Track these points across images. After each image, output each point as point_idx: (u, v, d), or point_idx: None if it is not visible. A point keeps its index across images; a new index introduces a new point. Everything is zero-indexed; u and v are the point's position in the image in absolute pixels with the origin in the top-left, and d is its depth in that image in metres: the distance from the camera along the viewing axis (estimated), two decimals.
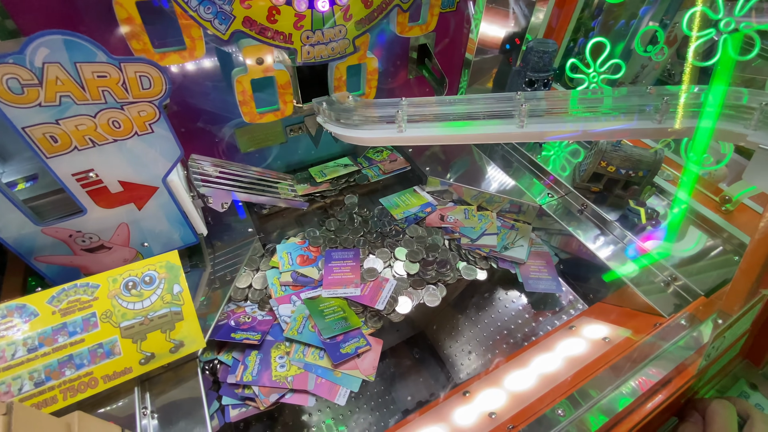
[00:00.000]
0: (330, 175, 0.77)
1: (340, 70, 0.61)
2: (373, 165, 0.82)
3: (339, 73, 0.62)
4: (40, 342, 0.41)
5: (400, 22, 0.63)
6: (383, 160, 0.83)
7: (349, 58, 0.60)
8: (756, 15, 0.59)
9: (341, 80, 0.63)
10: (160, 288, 0.46)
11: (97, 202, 0.47)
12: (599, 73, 0.77)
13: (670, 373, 0.43)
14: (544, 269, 0.66)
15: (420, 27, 0.66)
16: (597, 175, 0.69)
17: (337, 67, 0.61)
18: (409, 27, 0.65)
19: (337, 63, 0.60)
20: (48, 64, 0.36)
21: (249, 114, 0.59)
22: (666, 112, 0.52)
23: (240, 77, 0.55)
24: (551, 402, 0.43)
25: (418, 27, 0.65)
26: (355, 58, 0.61)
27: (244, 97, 0.57)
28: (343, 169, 0.79)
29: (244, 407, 0.50)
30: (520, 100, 0.55)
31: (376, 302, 0.59)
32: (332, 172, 0.78)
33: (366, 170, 0.80)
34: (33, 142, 0.40)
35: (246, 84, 0.56)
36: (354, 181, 0.78)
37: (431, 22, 0.66)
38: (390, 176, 0.81)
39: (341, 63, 0.60)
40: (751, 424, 0.44)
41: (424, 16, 0.65)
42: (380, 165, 0.82)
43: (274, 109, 0.61)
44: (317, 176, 0.77)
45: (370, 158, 0.83)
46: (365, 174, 0.79)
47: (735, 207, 0.65)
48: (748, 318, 0.46)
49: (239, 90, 0.56)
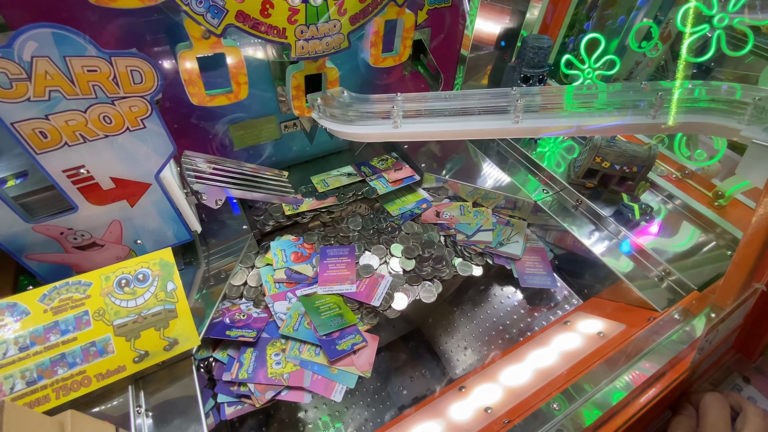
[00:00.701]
0: (333, 185, 0.73)
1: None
2: (379, 175, 0.75)
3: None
4: (31, 341, 0.41)
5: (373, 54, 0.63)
6: (388, 169, 0.77)
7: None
8: (749, 11, 0.59)
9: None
10: (153, 285, 0.46)
11: (88, 198, 0.46)
12: (594, 69, 0.77)
13: (663, 366, 0.44)
14: (540, 265, 0.67)
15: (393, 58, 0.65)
16: (592, 171, 0.69)
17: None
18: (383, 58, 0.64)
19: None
20: (37, 58, 0.36)
21: (197, 95, 0.53)
22: (660, 107, 0.52)
23: (183, 52, 0.49)
24: (546, 396, 0.43)
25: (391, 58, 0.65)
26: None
27: (190, 76, 0.51)
28: (347, 179, 0.74)
29: (239, 405, 0.50)
30: (515, 95, 0.55)
31: (372, 299, 0.59)
32: (335, 181, 0.73)
33: (373, 181, 0.74)
34: (22, 138, 0.39)
35: (192, 62, 0.50)
36: (362, 194, 0.72)
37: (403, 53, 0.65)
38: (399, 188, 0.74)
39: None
40: (743, 417, 0.44)
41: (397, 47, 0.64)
42: (386, 175, 0.75)
43: (227, 92, 0.55)
44: (320, 185, 0.72)
45: (374, 167, 0.77)
46: (373, 187, 0.73)
47: (728, 202, 0.65)
48: (740, 312, 0.46)
49: (183, 68, 0.50)
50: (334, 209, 0.71)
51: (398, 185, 0.74)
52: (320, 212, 0.70)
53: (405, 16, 0.61)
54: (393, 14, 0.59)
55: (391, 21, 0.60)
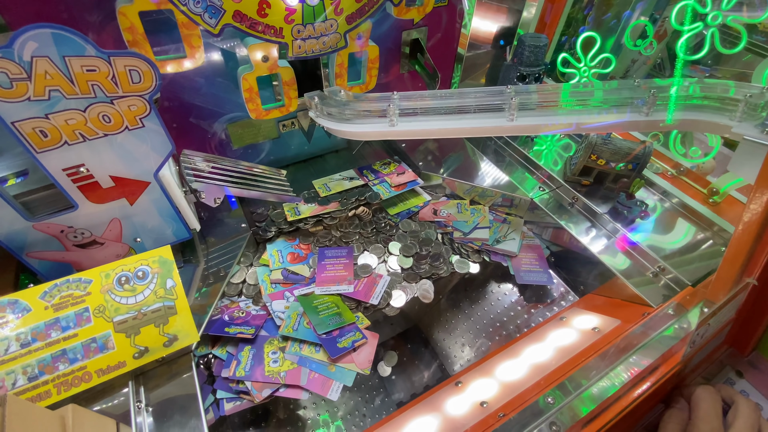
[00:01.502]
0: (335, 189, 0.72)
1: (342, 56, 0.61)
2: (381, 179, 0.74)
3: (341, 60, 0.61)
4: (32, 337, 0.41)
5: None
6: (390, 173, 0.75)
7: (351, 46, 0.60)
8: (742, 8, 0.60)
9: (343, 67, 0.62)
10: (153, 283, 0.47)
11: (88, 197, 0.47)
12: (590, 67, 0.77)
13: (656, 360, 0.44)
14: (536, 262, 0.67)
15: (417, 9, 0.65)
16: (587, 169, 0.70)
17: (339, 54, 0.60)
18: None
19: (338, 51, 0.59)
20: (37, 58, 0.36)
21: (255, 111, 0.60)
22: (653, 104, 0.52)
23: (246, 75, 0.56)
24: (541, 390, 0.44)
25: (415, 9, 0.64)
26: (357, 46, 0.61)
27: (250, 95, 0.58)
28: (349, 183, 0.73)
29: (238, 401, 0.51)
30: (510, 93, 0.56)
31: (371, 297, 0.59)
32: (337, 186, 0.72)
33: (376, 186, 0.73)
34: (23, 137, 0.40)
35: (252, 81, 0.57)
36: (365, 199, 0.71)
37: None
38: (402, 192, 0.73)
39: (343, 50, 0.60)
40: (735, 410, 0.45)
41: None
42: (389, 179, 0.74)
43: (280, 105, 0.62)
44: (321, 190, 0.71)
45: (377, 171, 0.76)
46: (376, 192, 0.71)
47: (722, 199, 0.66)
48: (732, 306, 0.47)
49: (245, 87, 0.57)
50: (337, 215, 0.70)
51: (401, 190, 0.73)
52: (322, 218, 0.69)
53: (369, 48, 0.63)
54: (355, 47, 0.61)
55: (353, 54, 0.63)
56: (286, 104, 0.62)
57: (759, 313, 0.51)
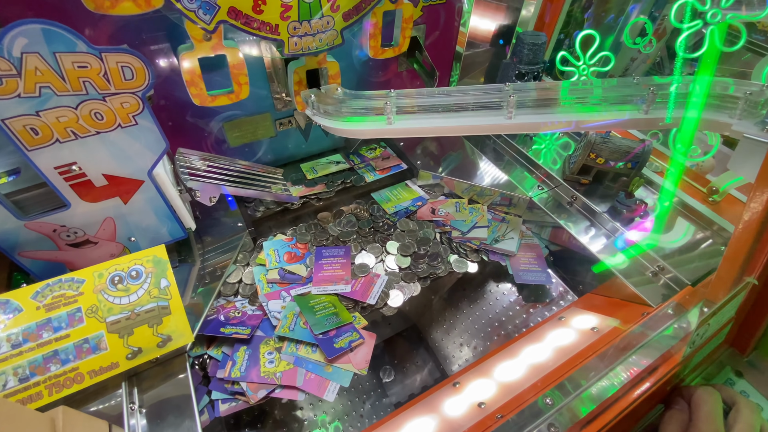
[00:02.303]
0: (321, 172, 0.75)
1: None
2: (367, 163, 0.79)
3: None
4: (24, 338, 0.41)
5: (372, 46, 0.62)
6: (376, 158, 0.80)
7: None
8: (741, 7, 0.59)
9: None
10: (147, 282, 0.46)
11: (81, 196, 0.46)
12: (589, 65, 0.77)
13: (656, 360, 0.44)
14: (535, 261, 0.67)
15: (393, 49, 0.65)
16: (587, 168, 0.69)
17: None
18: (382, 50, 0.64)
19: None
20: (27, 54, 0.36)
21: (199, 96, 0.54)
22: (652, 102, 0.52)
23: (185, 54, 0.50)
24: (540, 391, 0.43)
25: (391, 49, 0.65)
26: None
27: (191, 77, 0.52)
28: (335, 166, 0.77)
29: (233, 402, 0.50)
30: (508, 91, 0.55)
31: (368, 297, 0.59)
32: (324, 168, 0.77)
33: (361, 170, 0.77)
34: (13, 135, 0.39)
35: (194, 62, 0.51)
36: (350, 182, 0.74)
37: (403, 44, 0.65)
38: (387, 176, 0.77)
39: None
40: (736, 411, 0.44)
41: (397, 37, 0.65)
42: (373, 163, 0.78)
43: (228, 92, 0.56)
44: (308, 173, 0.75)
45: (363, 155, 0.81)
46: (361, 175, 0.76)
47: (722, 198, 0.65)
48: (732, 306, 0.46)
49: (185, 69, 0.51)
50: (324, 195, 0.72)
51: (386, 173, 0.77)
52: (309, 199, 0.72)
53: (403, 6, 0.60)
54: (390, 5, 0.59)
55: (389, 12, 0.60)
56: (235, 91, 0.56)
57: (759, 313, 0.50)
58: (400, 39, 0.64)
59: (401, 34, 0.64)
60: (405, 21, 0.62)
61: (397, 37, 0.64)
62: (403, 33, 0.64)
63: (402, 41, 0.64)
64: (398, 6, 0.60)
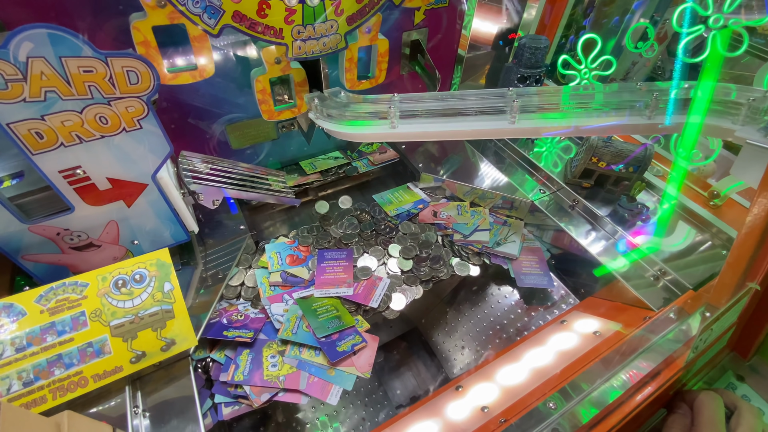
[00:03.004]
0: (320, 167, 0.77)
1: (352, 51, 0.61)
2: (363, 157, 0.82)
3: (350, 54, 0.61)
4: (28, 341, 0.41)
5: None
6: (373, 152, 0.83)
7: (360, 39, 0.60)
8: (744, 12, 0.60)
9: (352, 61, 0.62)
10: (150, 286, 0.46)
11: (84, 199, 0.46)
12: (590, 69, 0.77)
13: (658, 365, 0.44)
14: (536, 264, 0.67)
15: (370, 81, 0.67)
16: (588, 171, 0.69)
17: (350, 48, 0.60)
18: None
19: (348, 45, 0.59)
20: (32, 59, 0.36)
21: (268, 112, 0.61)
22: (655, 107, 0.52)
23: (259, 77, 0.57)
24: (543, 395, 0.43)
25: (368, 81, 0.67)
26: (367, 39, 0.61)
27: (263, 96, 0.59)
28: (334, 162, 0.79)
29: (237, 405, 0.50)
30: (511, 96, 0.55)
31: (370, 300, 0.59)
32: (322, 164, 0.78)
33: (355, 162, 0.80)
34: (18, 139, 0.39)
35: (265, 83, 0.57)
36: (343, 172, 0.78)
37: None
38: (379, 168, 0.81)
39: (353, 44, 0.60)
40: (738, 415, 0.44)
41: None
42: (370, 157, 0.82)
43: (291, 106, 0.62)
44: (307, 168, 0.77)
45: (361, 151, 0.84)
46: (354, 166, 0.79)
47: (723, 202, 0.66)
48: (735, 311, 0.46)
49: (259, 89, 0.58)
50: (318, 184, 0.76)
51: (379, 164, 0.81)
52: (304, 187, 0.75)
53: (378, 42, 0.62)
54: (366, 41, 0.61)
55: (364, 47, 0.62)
56: (298, 105, 0.62)
57: (761, 318, 0.51)
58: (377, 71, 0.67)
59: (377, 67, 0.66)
60: (381, 55, 0.65)
61: (373, 69, 0.67)
62: (379, 66, 0.66)
63: (378, 74, 0.67)
64: (373, 42, 0.62)
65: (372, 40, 0.62)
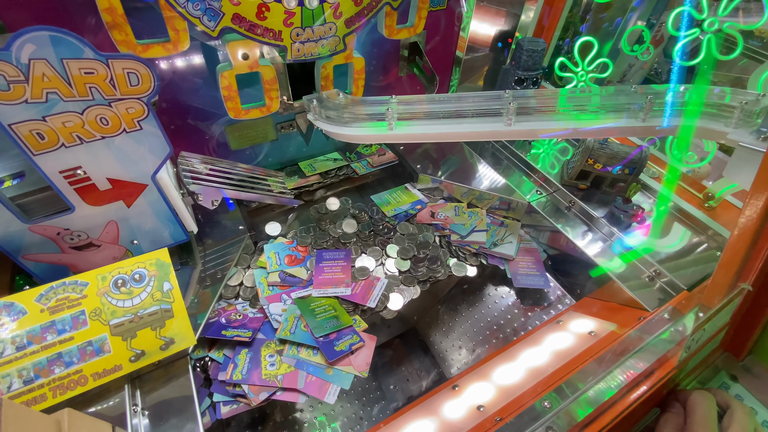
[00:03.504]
0: (319, 169, 0.78)
1: (327, 69, 0.61)
2: (362, 159, 0.83)
3: (326, 72, 0.62)
4: (28, 340, 0.41)
5: (388, 25, 0.63)
6: (372, 154, 0.84)
7: (335, 58, 0.60)
8: (738, 15, 0.60)
9: (328, 79, 0.63)
10: (150, 285, 0.46)
11: (85, 199, 0.47)
12: (587, 71, 0.78)
13: (652, 365, 0.45)
14: (533, 265, 0.68)
15: (408, 29, 0.66)
16: (584, 173, 0.70)
17: (324, 66, 0.61)
18: (398, 29, 0.65)
19: (323, 62, 0.60)
20: (34, 61, 0.36)
21: (234, 110, 0.59)
22: (650, 110, 0.53)
23: (225, 72, 0.55)
24: (538, 394, 0.44)
25: (406, 30, 0.66)
26: (342, 57, 0.61)
27: (229, 93, 0.57)
28: (333, 164, 0.80)
29: (235, 404, 0.50)
30: (508, 98, 0.56)
31: (368, 300, 0.59)
32: (322, 166, 0.79)
33: (354, 164, 0.81)
34: (19, 139, 0.39)
35: (231, 79, 0.56)
36: (343, 174, 0.78)
37: (419, 24, 0.66)
38: (378, 170, 0.81)
39: (328, 62, 0.60)
40: (730, 414, 0.45)
41: (412, 18, 0.65)
42: (369, 159, 0.82)
43: (260, 105, 0.60)
44: (307, 170, 0.77)
45: (360, 153, 0.84)
46: (353, 167, 0.80)
47: (718, 204, 0.66)
48: (727, 311, 0.47)
49: (224, 85, 0.56)
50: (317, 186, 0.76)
51: (378, 166, 0.81)
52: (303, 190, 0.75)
53: (354, 60, 0.63)
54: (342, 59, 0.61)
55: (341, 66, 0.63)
56: (267, 104, 0.60)
57: (754, 318, 0.51)
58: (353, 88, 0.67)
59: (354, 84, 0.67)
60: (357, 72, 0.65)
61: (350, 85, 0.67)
62: (356, 83, 0.67)
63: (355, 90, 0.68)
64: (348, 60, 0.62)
65: (347, 58, 0.62)
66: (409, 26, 0.66)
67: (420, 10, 0.64)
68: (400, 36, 0.66)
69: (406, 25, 0.66)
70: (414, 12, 0.65)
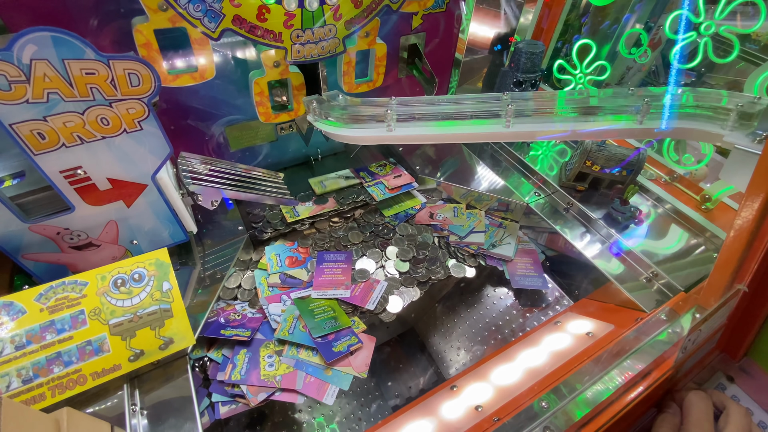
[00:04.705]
0: (330, 187, 0.73)
1: (350, 54, 0.62)
2: (377, 180, 0.75)
3: (348, 58, 0.62)
4: (27, 339, 0.41)
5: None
6: (386, 175, 0.77)
7: (359, 42, 0.61)
8: (736, 18, 0.61)
9: (350, 65, 0.63)
10: (149, 285, 0.47)
11: (85, 199, 0.47)
12: (585, 74, 0.78)
13: (649, 365, 0.45)
14: (531, 266, 0.68)
15: (367, 83, 0.68)
16: (582, 175, 0.70)
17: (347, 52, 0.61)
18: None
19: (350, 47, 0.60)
20: (36, 61, 0.36)
21: (265, 114, 0.62)
22: (646, 113, 0.53)
23: (258, 79, 0.58)
24: (536, 394, 0.44)
25: (365, 83, 0.68)
26: (365, 43, 0.61)
27: (261, 99, 0.60)
28: (345, 182, 0.74)
29: (234, 404, 0.51)
30: (506, 100, 0.56)
31: (367, 302, 0.59)
32: (333, 184, 0.73)
33: (371, 187, 0.74)
34: (20, 139, 0.40)
35: (263, 86, 0.58)
36: (362, 201, 0.72)
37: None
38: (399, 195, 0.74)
39: (351, 48, 0.61)
40: (726, 415, 0.45)
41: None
42: (385, 181, 0.75)
43: (289, 110, 0.64)
44: (317, 188, 0.72)
45: (373, 172, 0.77)
46: (370, 193, 0.73)
47: (715, 206, 0.67)
48: (723, 312, 0.47)
49: (257, 92, 0.59)
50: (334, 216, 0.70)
51: (396, 192, 0.74)
52: (319, 219, 0.70)
53: (376, 46, 0.63)
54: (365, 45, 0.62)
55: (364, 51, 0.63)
56: (295, 108, 0.63)
57: (750, 319, 0.52)
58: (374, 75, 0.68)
59: (375, 71, 0.67)
60: (378, 59, 0.66)
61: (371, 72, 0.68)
62: (377, 70, 0.67)
63: (376, 77, 0.68)
64: (371, 46, 0.63)
65: (370, 44, 0.62)
66: (368, 80, 0.68)
67: (377, 66, 0.66)
68: (359, 90, 0.68)
69: (366, 80, 0.68)
70: (372, 68, 0.67)
